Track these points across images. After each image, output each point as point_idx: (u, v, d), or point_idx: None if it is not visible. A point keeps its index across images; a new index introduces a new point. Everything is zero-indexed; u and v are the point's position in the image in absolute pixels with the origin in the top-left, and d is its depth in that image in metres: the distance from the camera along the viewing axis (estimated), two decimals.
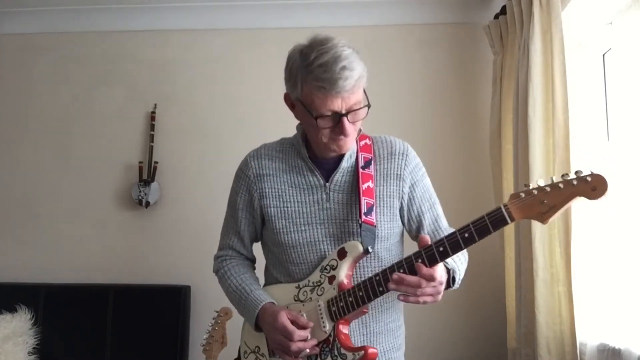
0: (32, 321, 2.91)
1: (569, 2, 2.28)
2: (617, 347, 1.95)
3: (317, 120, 1.43)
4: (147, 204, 3.10)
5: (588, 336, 2.13)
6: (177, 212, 3.12)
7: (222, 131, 3.15)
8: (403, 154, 1.61)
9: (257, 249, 1.76)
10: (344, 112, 1.42)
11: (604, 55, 2.45)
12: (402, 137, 3.08)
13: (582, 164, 2.29)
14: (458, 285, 1.55)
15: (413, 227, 1.62)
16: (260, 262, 1.76)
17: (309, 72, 1.41)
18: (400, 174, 1.59)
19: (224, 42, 3.25)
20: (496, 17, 2.82)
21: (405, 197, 1.59)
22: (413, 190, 1.60)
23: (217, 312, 2.18)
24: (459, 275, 1.54)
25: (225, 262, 1.70)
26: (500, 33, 2.79)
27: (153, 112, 3.19)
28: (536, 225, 2.22)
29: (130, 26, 3.27)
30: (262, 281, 1.72)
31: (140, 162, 3.14)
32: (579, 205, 2.21)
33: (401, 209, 1.60)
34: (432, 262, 1.37)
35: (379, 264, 1.54)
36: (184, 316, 2.93)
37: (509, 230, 2.58)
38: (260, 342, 1.58)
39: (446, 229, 1.63)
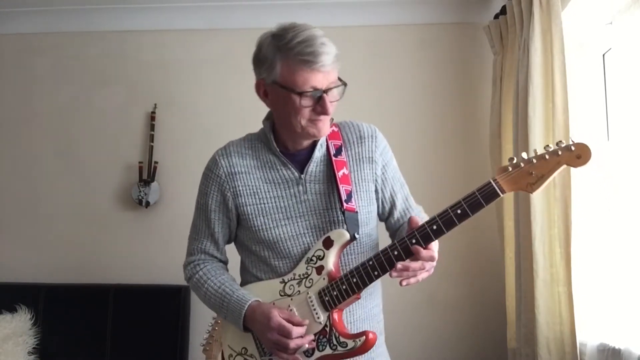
0: (32, 321, 2.91)
1: (569, 2, 2.28)
2: (617, 347, 1.95)
3: (300, 97, 1.42)
4: (147, 204, 3.10)
5: (588, 336, 2.13)
6: (177, 212, 3.11)
7: (222, 131, 3.12)
8: (372, 136, 1.60)
9: (229, 250, 1.71)
10: (324, 88, 1.43)
11: (604, 55, 2.45)
12: (402, 137, 3.10)
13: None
14: None
15: (386, 208, 1.63)
16: (233, 263, 1.71)
17: (290, 49, 1.41)
18: (371, 157, 1.58)
19: (224, 42, 3.24)
20: (496, 17, 2.82)
21: (379, 179, 1.59)
22: (385, 172, 1.60)
23: None
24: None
25: (198, 266, 1.62)
26: (500, 33, 2.79)
27: (153, 112, 3.19)
28: (536, 225, 2.22)
29: (130, 26, 3.27)
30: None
31: (140, 162, 3.14)
32: (579, 206, 2.21)
33: (376, 192, 1.60)
34: (427, 241, 1.38)
35: (362, 249, 1.54)
36: (184, 316, 2.94)
37: (509, 230, 2.59)
38: (247, 343, 1.55)
39: (415, 206, 1.65)
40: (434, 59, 3.15)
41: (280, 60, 1.43)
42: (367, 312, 1.58)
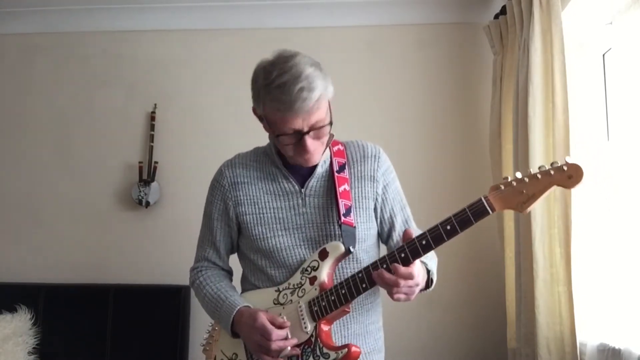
0: (32, 321, 2.91)
1: (569, 2, 2.28)
2: (617, 347, 1.95)
3: (278, 137, 1.46)
4: (147, 204, 3.10)
5: (588, 336, 2.13)
6: (177, 212, 3.12)
7: (222, 131, 3.15)
8: (375, 156, 1.63)
9: (234, 262, 1.73)
10: (305, 130, 1.43)
11: (604, 55, 2.45)
12: (402, 137, 3.10)
13: (581, 164, 2.30)
14: (432, 288, 1.57)
15: (385, 229, 1.64)
16: (236, 274, 1.73)
17: (268, 93, 1.42)
18: (373, 176, 1.61)
19: (224, 42, 3.24)
20: (496, 17, 2.82)
21: (379, 198, 1.61)
22: (386, 192, 1.62)
23: None
24: (435, 278, 1.57)
25: (200, 273, 1.67)
26: (500, 33, 2.79)
27: (153, 112, 3.19)
28: (536, 225, 2.22)
29: (130, 26, 3.27)
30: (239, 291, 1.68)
31: (140, 162, 3.14)
32: (579, 206, 2.21)
33: (375, 210, 1.62)
34: (415, 256, 1.38)
35: (359, 266, 1.54)
36: (184, 316, 2.93)
37: (509, 230, 2.59)
38: (237, 348, 1.56)
39: (415, 230, 1.64)
40: (434, 59, 3.15)
41: (262, 100, 1.46)
42: (363, 328, 1.58)
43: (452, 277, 2.92)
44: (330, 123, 1.47)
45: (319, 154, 1.53)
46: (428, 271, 1.52)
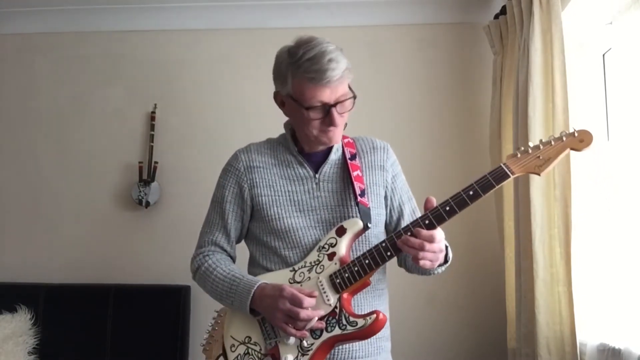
0: (32, 321, 2.91)
1: (569, 2, 2.28)
2: (617, 347, 1.95)
3: (307, 111, 1.52)
4: (147, 204, 3.10)
5: (588, 336, 2.13)
6: (177, 212, 3.12)
7: (222, 131, 3.15)
8: (384, 148, 1.73)
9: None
10: (332, 102, 1.51)
11: (604, 55, 2.45)
12: (402, 137, 3.10)
13: (581, 164, 2.30)
14: (446, 266, 1.62)
15: (394, 217, 1.69)
16: (241, 263, 1.73)
17: (299, 67, 1.51)
18: (383, 165, 1.69)
19: (224, 42, 3.24)
20: (496, 17, 2.82)
21: (389, 187, 1.68)
22: (394, 182, 1.70)
23: (217, 312, 2.18)
24: (451, 255, 1.61)
25: (208, 257, 1.65)
26: (500, 33, 2.79)
27: (153, 112, 3.19)
28: (536, 225, 2.23)
29: (130, 26, 3.27)
30: None
31: (140, 162, 3.14)
32: (579, 206, 2.21)
33: (385, 198, 1.67)
34: (440, 221, 1.45)
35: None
36: (184, 316, 2.93)
37: (509, 230, 2.59)
38: (251, 331, 1.55)
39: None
40: (434, 59, 3.15)
41: (291, 76, 1.54)
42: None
43: (452, 277, 2.90)
44: (354, 97, 1.55)
45: (341, 131, 1.60)
46: (446, 246, 1.55)
